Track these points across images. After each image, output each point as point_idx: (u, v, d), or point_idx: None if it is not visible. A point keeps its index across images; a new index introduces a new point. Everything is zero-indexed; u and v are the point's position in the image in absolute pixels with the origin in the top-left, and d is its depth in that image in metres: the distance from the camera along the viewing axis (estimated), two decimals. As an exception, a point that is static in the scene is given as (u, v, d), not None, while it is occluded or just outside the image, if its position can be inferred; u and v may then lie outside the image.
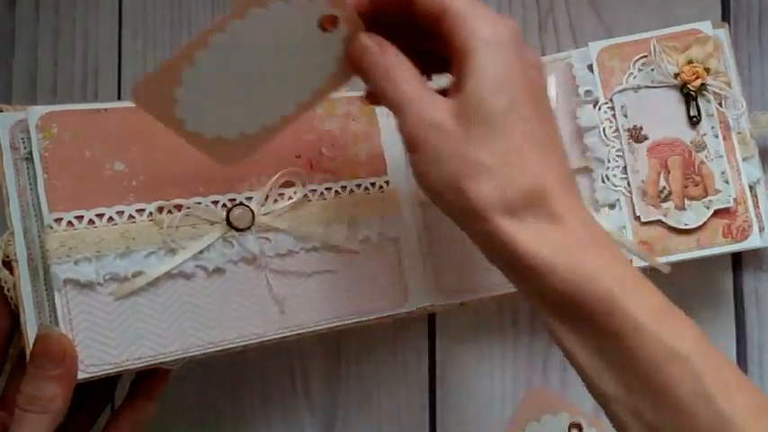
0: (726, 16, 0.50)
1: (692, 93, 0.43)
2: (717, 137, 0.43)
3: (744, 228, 0.43)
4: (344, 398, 0.52)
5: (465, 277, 0.46)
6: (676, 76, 0.44)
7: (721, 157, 0.43)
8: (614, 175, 0.44)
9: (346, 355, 0.52)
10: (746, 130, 0.44)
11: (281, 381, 0.52)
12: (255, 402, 0.52)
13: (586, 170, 0.45)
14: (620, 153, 0.44)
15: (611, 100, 0.44)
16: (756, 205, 0.44)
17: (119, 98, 0.55)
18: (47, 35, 0.56)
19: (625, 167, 0.44)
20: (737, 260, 0.49)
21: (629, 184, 0.44)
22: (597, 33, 0.51)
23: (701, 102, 0.44)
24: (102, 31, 0.55)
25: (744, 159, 0.43)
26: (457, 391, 0.51)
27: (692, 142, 0.44)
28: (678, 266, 0.43)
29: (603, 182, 0.44)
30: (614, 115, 0.44)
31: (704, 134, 0.43)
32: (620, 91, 0.44)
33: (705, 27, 0.44)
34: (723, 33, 0.45)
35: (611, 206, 0.44)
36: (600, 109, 0.44)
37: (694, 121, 0.44)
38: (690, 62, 0.44)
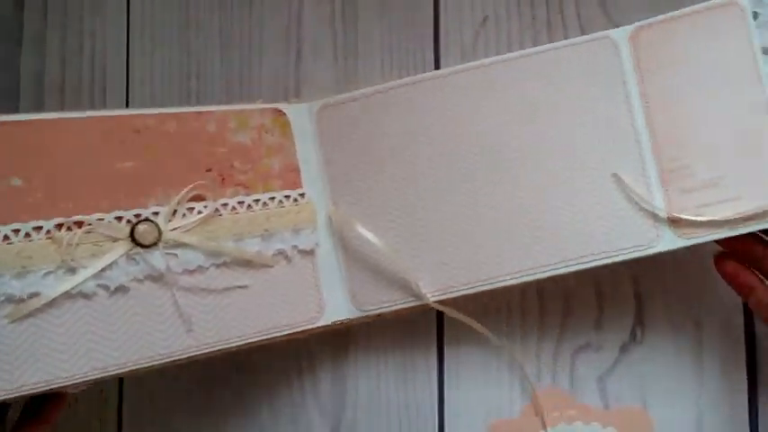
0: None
1: None
2: None
3: None
4: (352, 398, 0.52)
5: (381, 289, 0.46)
6: None
7: None
8: None
9: (354, 355, 0.52)
10: None
11: (290, 380, 0.53)
12: (263, 402, 0.52)
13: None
14: None
15: None
16: None
17: (127, 97, 0.55)
18: (54, 35, 0.55)
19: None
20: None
21: None
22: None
23: None
24: (110, 31, 0.55)
25: None
26: (465, 390, 0.51)
27: None
28: (682, 267, 0.44)
29: None
30: None
31: None
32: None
33: None
34: None
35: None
36: None
37: None
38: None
